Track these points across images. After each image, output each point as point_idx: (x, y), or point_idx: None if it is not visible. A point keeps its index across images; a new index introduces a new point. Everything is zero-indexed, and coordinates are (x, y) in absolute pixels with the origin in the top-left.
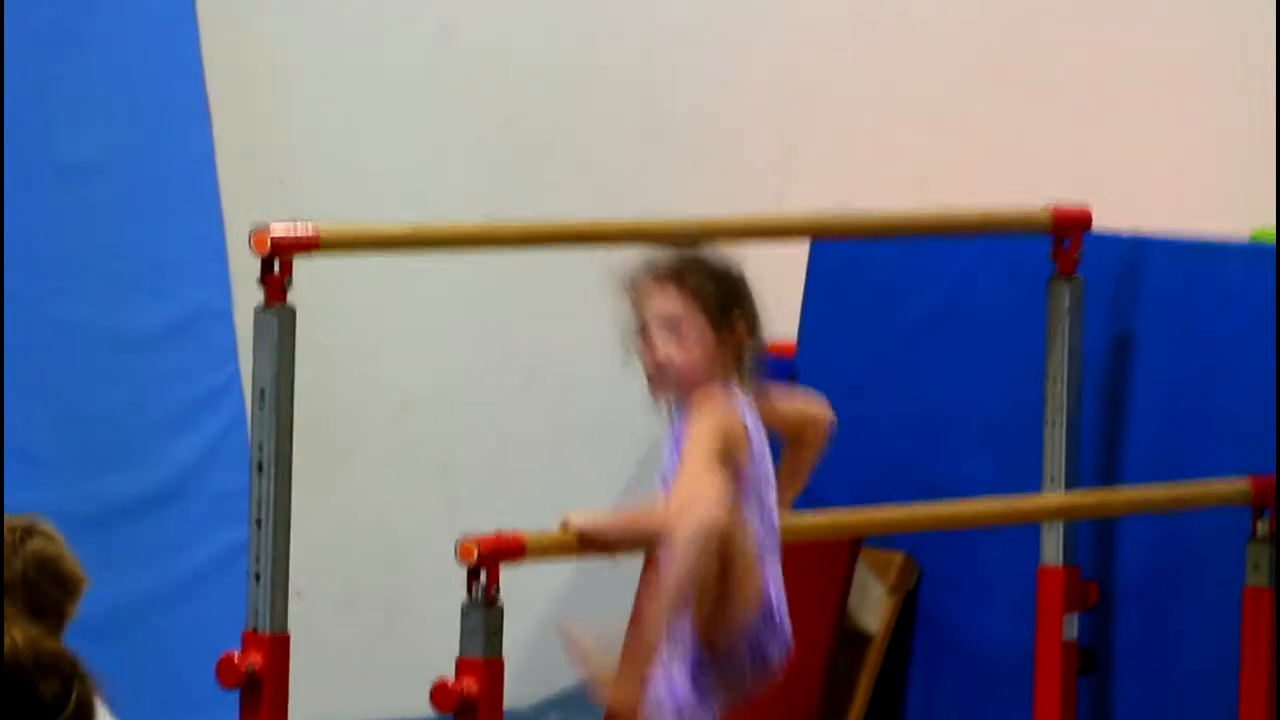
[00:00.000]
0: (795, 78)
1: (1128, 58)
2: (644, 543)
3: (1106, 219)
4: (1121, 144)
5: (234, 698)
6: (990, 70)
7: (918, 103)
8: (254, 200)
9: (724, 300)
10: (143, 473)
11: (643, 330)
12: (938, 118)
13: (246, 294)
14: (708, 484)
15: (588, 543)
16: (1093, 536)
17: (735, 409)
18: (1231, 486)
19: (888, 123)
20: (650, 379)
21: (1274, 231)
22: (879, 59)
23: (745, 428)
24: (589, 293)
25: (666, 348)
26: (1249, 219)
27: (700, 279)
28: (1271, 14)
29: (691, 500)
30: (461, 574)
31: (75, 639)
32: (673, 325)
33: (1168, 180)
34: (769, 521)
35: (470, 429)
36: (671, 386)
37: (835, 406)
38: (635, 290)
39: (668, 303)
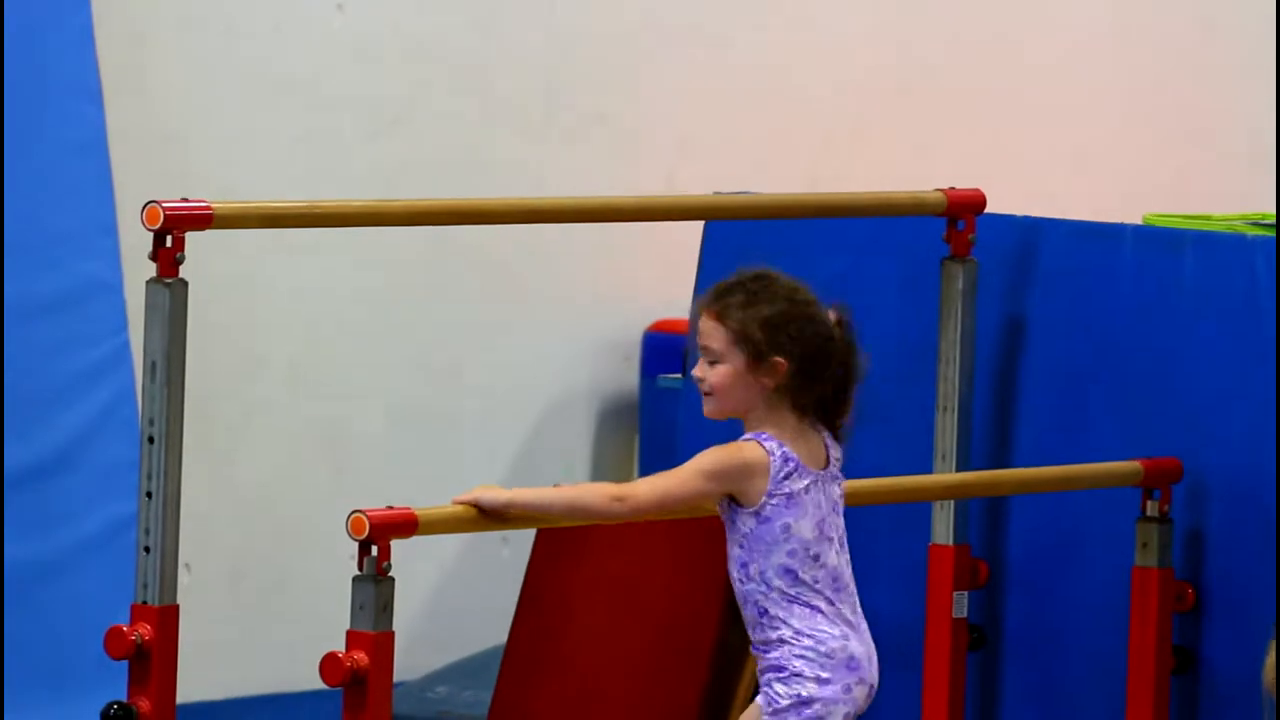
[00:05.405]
0: (689, 71)
1: (1023, 48)
2: (567, 511)
3: (1000, 206)
4: (1016, 137)
5: (119, 670)
6: (885, 64)
7: (811, 98)
8: (148, 174)
9: (766, 344)
10: (30, 444)
11: (695, 348)
12: (832, 112)
13: (138, 268)
14: (666, 478)
15: (494, 516)
16: (984, 516)
17: (748, 446)
18: (1125, 468)
19: (780, 116)
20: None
21: (1166, 216)
22: (775, 55)
23: (762, 457)
24: (482, 272)
25: (703, 370)
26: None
27: (745, 320)
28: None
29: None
30: (351, 547)
31: None
32: (709, 354)
33: (1062, 169)
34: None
35: (360, 404)
36: (707, 405)
37: None
38: (694, 311)
39: (708, 333)
